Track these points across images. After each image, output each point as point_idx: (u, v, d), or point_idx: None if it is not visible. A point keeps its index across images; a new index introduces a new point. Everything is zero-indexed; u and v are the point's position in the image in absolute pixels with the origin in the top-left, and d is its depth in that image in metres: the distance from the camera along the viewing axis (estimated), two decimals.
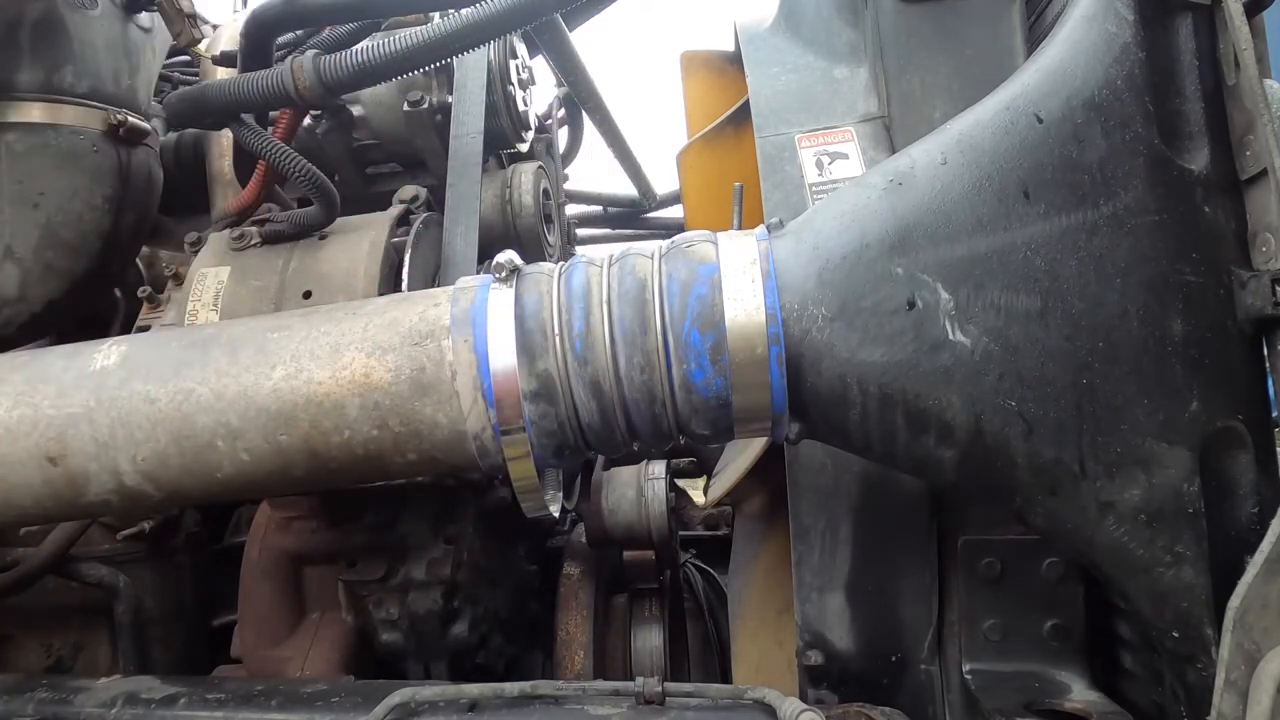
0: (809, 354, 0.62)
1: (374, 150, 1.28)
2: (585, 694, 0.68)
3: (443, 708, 0.67)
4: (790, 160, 0.88)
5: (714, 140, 1.04)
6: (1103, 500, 0.60)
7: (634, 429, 0.65)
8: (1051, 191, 0.61)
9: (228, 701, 0.72)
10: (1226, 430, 0.61)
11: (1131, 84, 0.63)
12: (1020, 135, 0.62)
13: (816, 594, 0.78)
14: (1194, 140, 0.65)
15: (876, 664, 0.77)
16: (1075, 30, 0.65)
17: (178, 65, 1.39)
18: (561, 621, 1.03)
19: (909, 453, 0.63)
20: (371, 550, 0.96)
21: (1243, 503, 0.62)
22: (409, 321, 0.67)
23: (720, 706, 0.67)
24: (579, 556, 1.08)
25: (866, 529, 0.78)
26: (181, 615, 1.18)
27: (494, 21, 0.96)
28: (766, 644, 0.90)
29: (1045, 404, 0.60)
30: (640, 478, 1.06)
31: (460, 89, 1.19)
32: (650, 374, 0.62)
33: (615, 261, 0.66)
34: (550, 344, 0.63)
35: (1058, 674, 0.75)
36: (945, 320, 0.60)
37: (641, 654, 1.09)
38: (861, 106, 0.89)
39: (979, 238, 0.61)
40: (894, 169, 0.65)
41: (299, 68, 1.04)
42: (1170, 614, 0.60)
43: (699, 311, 0.61)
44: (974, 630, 0.77)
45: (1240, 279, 0.62)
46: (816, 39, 0.95)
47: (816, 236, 0.64)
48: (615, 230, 2.30)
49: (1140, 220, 0.61)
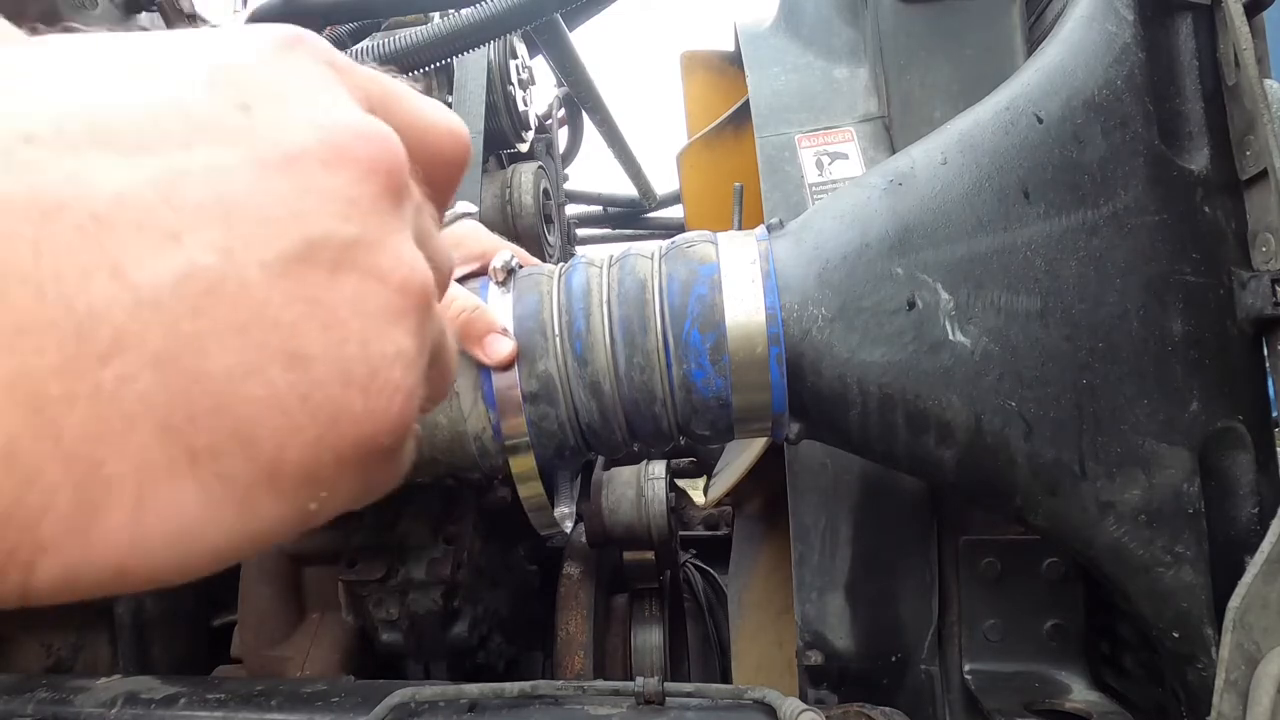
0: (809, 354, 0.62)
1: None
2: (585, 694, 0.68)
3: (443, 708, 0.67)
4: (790, 160, 0.88)
5: (714, 140, 1.04)
6: (1103, 500, 0.60)
7: (634, 429, 0.65)
8: (1051, 191, 0.61)
9: (228, 701, 0.72)
10: (1226, 430, 0.61)
11: (1131, 84, 0.63)
12: (1020, 135, 0.62)
13: (816, 594, 0.78)
14: (1194, 140, 0.65)
15: (876, 664, 0.77)
16: (1075, 30, 0.65)
17: None
18: (561, 621, 1.03)
19: (909, 453, 0.63)
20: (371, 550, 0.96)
21: (1243, 503, 0.62)
22: None
23: (720, 706, 0.67)
24: (579, 556, 1.08)
25: (866, 529, 0.78)
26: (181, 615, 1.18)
27: (494, 21, 0.96)
28: (766, 644, 0.90)
29: (1045, 404, 0.60)
30: (640, 478, 1.05)
31: (460, 89, 1.19)
32: (650, 374, 0.62)
33: (615, 262, 0.66)
34: (550, 345, 0.63)
35: (1058, 674, 0.75)
36: (945, 320, 0.60)
37: (641, 654, 1.09)
38: (861, 106, 0.89)
39: (979, 238, 0.61)
40: (894, 169, 0.65)
41: None
42: (1170, 614, 0.60)
43: (699, 312, 0.62)
44: (974, 630, 0.77)
45: (1240, 279, 0.62)
46: (816, 39, 0.95)
47: (816, 236, 0.64)
48: (615, 230, 2.30)
49: (1140, 220, 0.61)
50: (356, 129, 0.25)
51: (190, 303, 0.20)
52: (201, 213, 0.21)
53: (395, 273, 0.24)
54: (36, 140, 0.19)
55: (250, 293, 0.21)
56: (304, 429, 0.22)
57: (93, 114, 0.21)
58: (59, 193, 0.19)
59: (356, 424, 0.23)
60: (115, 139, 0.20)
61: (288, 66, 0.25)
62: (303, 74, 0.25)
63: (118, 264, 0.19)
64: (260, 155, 0.22)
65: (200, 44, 0.24)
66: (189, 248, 0.20)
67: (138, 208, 0.20)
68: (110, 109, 0.21)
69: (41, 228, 0.19)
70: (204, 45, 0.24)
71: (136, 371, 0.19)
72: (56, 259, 0.19)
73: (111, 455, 0.19)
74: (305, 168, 0.23)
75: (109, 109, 0.21)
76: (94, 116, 0.21)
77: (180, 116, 0.22)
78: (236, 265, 0.21)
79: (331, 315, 0.22)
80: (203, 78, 0.23)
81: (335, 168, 0.23)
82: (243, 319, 0.21)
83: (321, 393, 0.22)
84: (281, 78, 0.24)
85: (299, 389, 0.22)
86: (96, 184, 0.20)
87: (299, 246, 0.22)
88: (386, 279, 0.24)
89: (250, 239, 0.21)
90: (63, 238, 0.19)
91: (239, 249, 0.21)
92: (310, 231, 0.22)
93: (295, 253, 0.22)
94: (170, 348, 0.20)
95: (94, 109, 0.21)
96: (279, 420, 0.21)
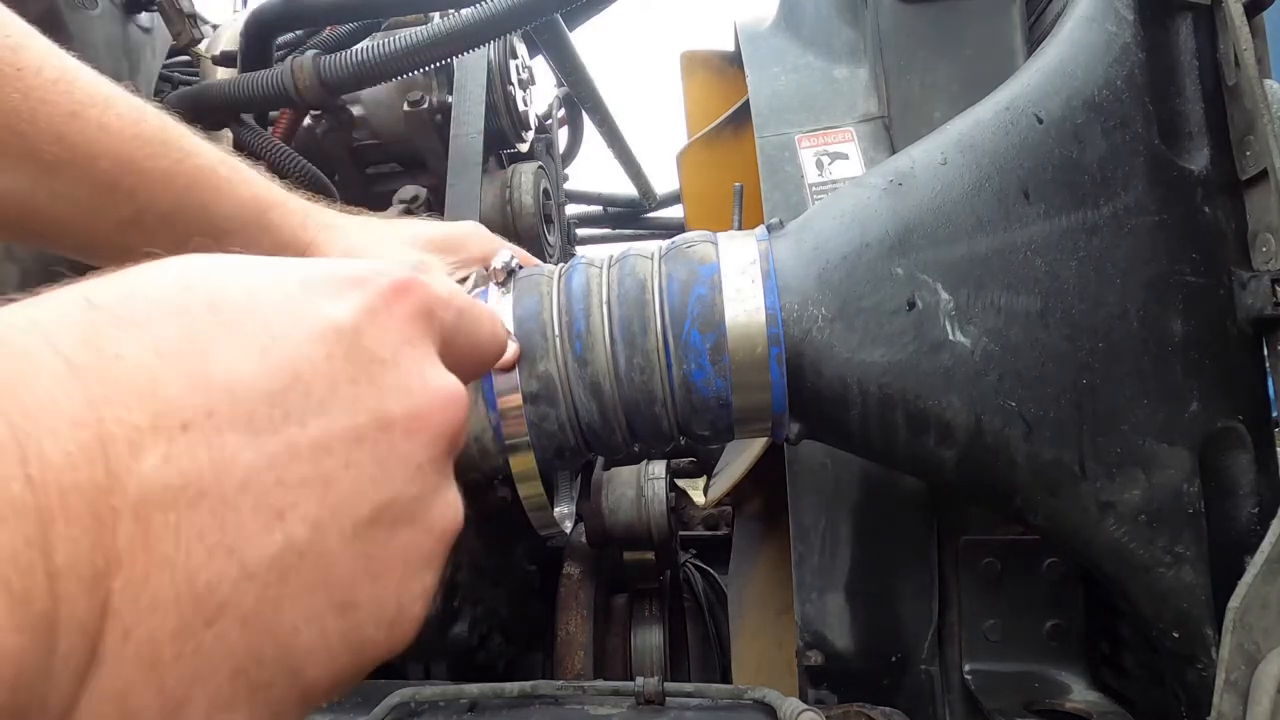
0: (809, 354, 0.62)
1: (374, 150, 1.28)
2: (585, 694, 0.68)
3: (443, 708, 0.67)
4: (790, 160, 0.88)
5: (714, 140, 1.04)
6: (1103, 500, 0.60)
7: (634, 430, 0.65)
8: (1051, 192, 0.61)
9: None
10: (1226, 430, 0.61)
11: (1131, 84, 0.63)
12: (1020, 135, 0.62)
13: (816, 594, 0.78)
14: (1194, 140, 0.65)
15: (876, 664, 0.77)
16: (1075, 30, 0.65)
17: (178, 65, 1.39)
18: (561, 621, 1.03)
19: (909, 453, 0.63)
20: None
21: (1243, 503, 0.62)
22: None
23: (720, 706, 0.67)
24: (579, 556, 1.08)
25: (866, 529, 0.78)
26: None
27: (494, 21, 0.96)
28: (766, 644, 0.90)
29: (1045, 404, 0.60)
30: (640, 478, 1.05)
31: (460, 89, 1.19)
32: (650, 375, 0.62)
33: (615, 262, 0.66)
34: (550, 345, 0.63)
35: (1058, 674, 0.75)
36: (945, 320, 0.60)
37: (641, 654, 1.09)
38: (861, 106, 0.89)
39: (979, 238, 0.61)
40: (894, 169, 0.65)
41: (299, 68, 1.05)
42: (1170, 614, 0.60)
43: (699, 312, 0.61)
44: (974, 630, 0.77)
45: (1240, 279, 0.62)
46: (816, 39, 0.95)
47: (816, 237, 0.64)
48: (615, 230, 2.30)
49: (1140, 220, 0.61)
50: (436, 395, 0.28)
51: (279, 572, 0.23)
52: (304, 490, 0.24)
53: (440, 522, 0.28)
54: (192, 428, 0.22)
55: (326, 559, 0.24)
56: (339, 659, 0.25)
57: (234, 395, 0.24)
58: (201, 480, 0.22)
59: (379, 650, 0.26)
60: (249, 420, 0.24)
61: (393, 325, 0.28)
62: (403, 333, 0.29)
63: (234, 544, 0.22)
64: (359, 427, 0.26)
65: (323, 294, 0.27)
66: (289, 524, 0.24)
67: (257, 490, 0.23)
68: (246, 388, 0.24)
69: (185, 514, 0.22)
70: (326, 295, 0.27)
71: (229, 630, 0.22)
72: (190, 542, 0.22)
73: (195, 694, 0.22)
74: (392, 437, 0.26)
75: (244, 388, 0.24)
76: (235, 398, 0.24)
77: (301, 393, 0.25)
78: (322, 535, 0.24)
79: (382, 566, 0.26)
80: (322, 351, 0.26)
81: (414, 434, 0.27)
82: (315, 580, 0.24)
83: (358, 632, 0.25)
84: (386, 341, 0.28)
85: (343, 630, 0.25)
86: (231, 468, 0.23)
87: (373, 512, 0.26)
88: (433, 529, 0.28)
89: (337, 510, 0.25)
90: (198, 522, 0.22)
91: (326, 520, 0.24)
92: (383, 496, 0.26)
93: (369, 518, 0.25)
94: (256, 609, 0.23)
95: (234, 389, 0.24)
96: (323, 656, 0.25)
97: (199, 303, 0.25)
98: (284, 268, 0.28)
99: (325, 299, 0.27)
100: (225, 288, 0.26)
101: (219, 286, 0.26)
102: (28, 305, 0.23)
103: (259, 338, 0.25)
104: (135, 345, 0.23)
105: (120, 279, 0.25)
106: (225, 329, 0.24)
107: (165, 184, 0.56)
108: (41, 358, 0.21)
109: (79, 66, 0.51)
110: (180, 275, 0.25)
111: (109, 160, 0.52)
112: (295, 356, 0.25)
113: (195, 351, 0.23)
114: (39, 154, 0.49)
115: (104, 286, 0.24)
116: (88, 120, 0.51)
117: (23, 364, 0.21)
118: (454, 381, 0.30)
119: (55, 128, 0.49)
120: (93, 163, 0.52)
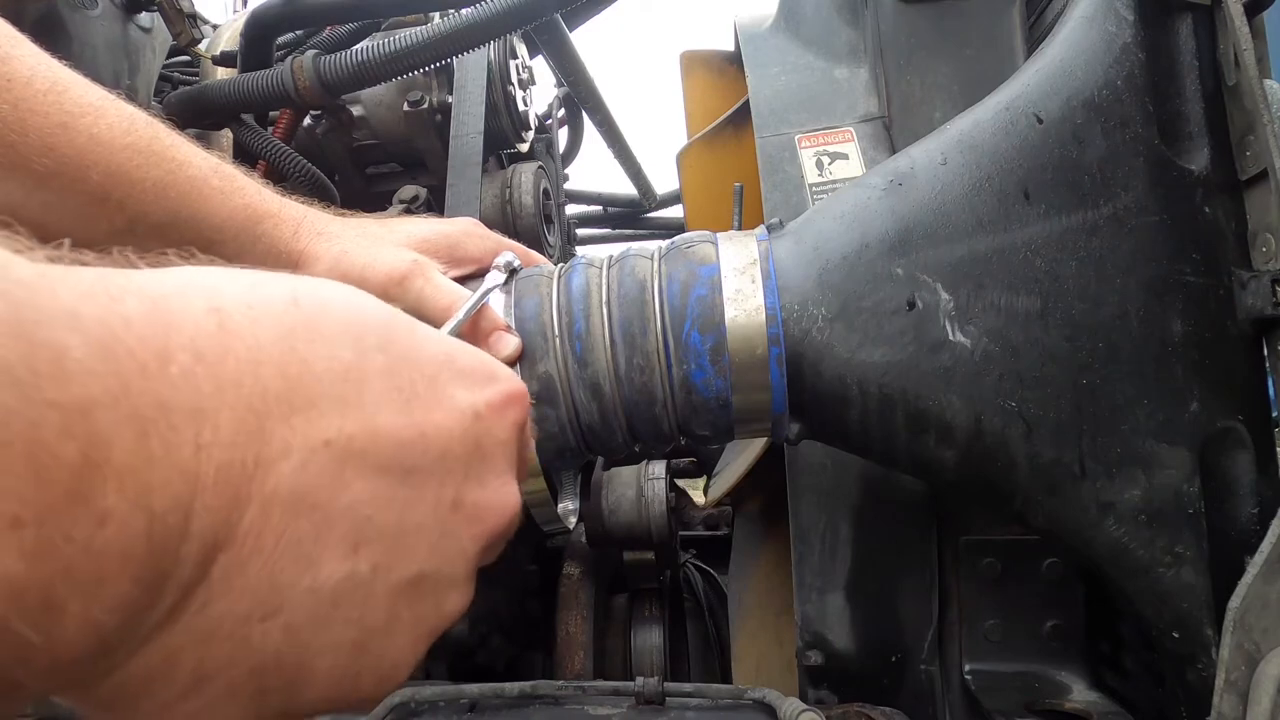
0: (809, 354, 0.62)
1: (374, 150, 1.28)
2: (585, 694, 0.68)
3: (443, 708, 0.67)
4: (790, 160, 0.88)
5: (714, 140, 1.04)
6: (1103, 500, 0.60)
7: (635, 430, 0.65)
8: (1051, 192, 0.61)
9: None
10: (1226, 430, 0.61)
11: (1131, 84, 0.63)
12: (1020, 135, 0.62)
13: (816, 594, 0.78)
14: (1194, 140, 0.65)
15: (876, 664, 0.77)
16: (1075, 30, 0.65)
17: (178, 65, 1.39)
18: (561, 621, 1.03)
19: (909, 453, 0.63)
20: None
21: (1243, 503, 0.62)
22: None
23: (720, 706, 0.67)
24: (579, 556, 1.08)
25: (866, 529, 0.78)
26: None
27: (494, 21, 0.96)
28: (766, 644, 0.90)
29: (1045, 404, 0.60)
30: (640, 478, 1.05)
31: (460, 89, 1.19)
32: (650, 375, 0.62)
33: (615, 263, 0.66)
34: (550, 346, 0.63)
35: (1058, 674, 0.75)
36: (945, 321, 0.60)
37: (641, 654, 1.09)
38: (861, 106, 0.89)
39: (979, 238, 0.61)
40: (894, 169, 0.65)
41: (299, 68, 1.04)
42: (1170, 614, 0.60)
43: (699, 312, 0.61)
44: (974, 630, 0.77)
45: (1240, 279, 0.62)
46: (816, 39, 0.95)
47: (816, 237, 0.64)
48: (615, 230, 2.29)
49: (1140, 220, 0.61)
50: (504, 500, 0.33)
51: (334, 597, 0.26)
52: (382, 534, 0.27)
53: (451, 607, 0.31)
54: (332, 447, 0.25)
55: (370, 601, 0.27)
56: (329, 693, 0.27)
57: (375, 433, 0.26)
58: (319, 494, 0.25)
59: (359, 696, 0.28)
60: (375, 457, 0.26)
61: (503, 425, 0.33)
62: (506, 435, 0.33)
63: (316, 559, 0.25)
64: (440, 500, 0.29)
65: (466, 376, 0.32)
66: (359, 559, 0.26)
67: (352, 519, 0.26)
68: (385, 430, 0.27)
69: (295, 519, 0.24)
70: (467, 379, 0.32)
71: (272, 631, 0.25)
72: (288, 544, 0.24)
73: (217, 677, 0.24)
74: (457, 519, 0.30)
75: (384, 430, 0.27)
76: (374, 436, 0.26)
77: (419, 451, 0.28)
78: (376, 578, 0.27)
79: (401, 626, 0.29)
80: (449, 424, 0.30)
81: (474, 524, 0.31)
82: (352, 617, 0.26)
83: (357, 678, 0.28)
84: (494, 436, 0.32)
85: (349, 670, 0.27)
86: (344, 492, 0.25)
87: (417, 576, 0.28)
88: (444, 611, 0.31)
89: (394, 562, 0.27)
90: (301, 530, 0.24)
91: (383, 566, 0.27)
92: (430, 566, 0.29)
93: (412, 579, 0.28)
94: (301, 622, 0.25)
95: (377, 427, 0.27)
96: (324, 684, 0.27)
97: (372, 342, 0.28)
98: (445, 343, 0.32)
99: (466, 381, 0.31)
100: (394, 334, 0.29)
101: (389, 333, 0.29)
102: (245, 286, 0.25)
103: (407, 391, 0.28)
104: (315, 358, 0.25)
105: (316, 287, 0.28)
106: (385, 374, 0.28)
107: (157, 195, 0.56)
108: (244, 339, 0.24)
109: (70, 76, 0.51)
110: (361, 306, 0.29)
111: (100, 171, 0.52)
112: (427, 421, 0.28)
113: (357, 381, 0.26)
114: (30, 165, 0.49)
115: (305, 288, 0.27)
116: (78, 131, 0.51)
117: (232, 341, 0.23)
118: (518, 495, 0.34)
119: (45, 139, 0.49)
120: (84, 174, 0.51)
